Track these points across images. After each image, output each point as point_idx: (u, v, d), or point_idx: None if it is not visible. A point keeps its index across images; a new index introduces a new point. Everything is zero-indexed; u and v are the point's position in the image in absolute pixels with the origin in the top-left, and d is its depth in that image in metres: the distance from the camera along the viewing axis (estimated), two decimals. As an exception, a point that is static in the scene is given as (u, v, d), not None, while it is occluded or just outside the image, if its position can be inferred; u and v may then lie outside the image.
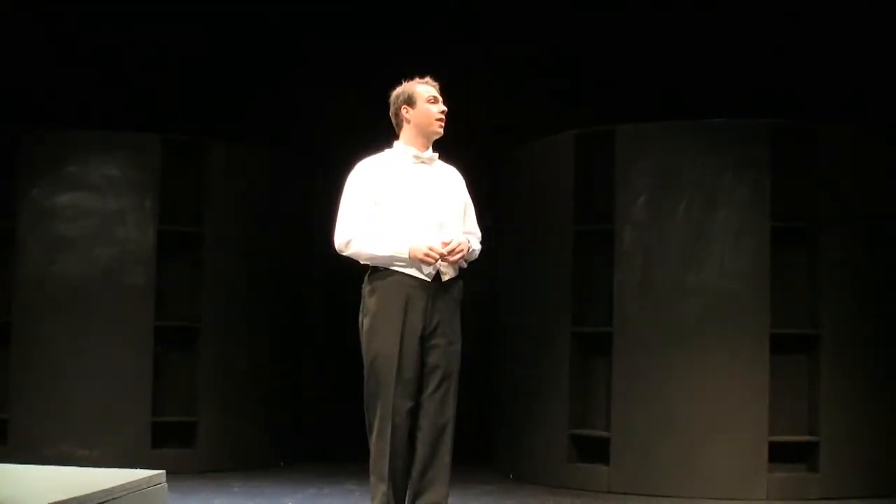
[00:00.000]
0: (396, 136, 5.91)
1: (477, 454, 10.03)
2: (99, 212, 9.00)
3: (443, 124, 5.80)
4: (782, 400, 8.29)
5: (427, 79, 5.85)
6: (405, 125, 5.83)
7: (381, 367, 5.62)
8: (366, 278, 5.73)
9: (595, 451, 8.61)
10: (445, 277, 5.70)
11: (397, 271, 5.63)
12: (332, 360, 10.68)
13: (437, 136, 5.83)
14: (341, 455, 10.20)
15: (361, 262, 5.72)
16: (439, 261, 5.58)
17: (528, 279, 9.18)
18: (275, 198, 9.69)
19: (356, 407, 11.26)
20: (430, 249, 5.54)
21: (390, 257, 5.60)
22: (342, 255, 5.75)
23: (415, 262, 5.59)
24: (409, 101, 5.79)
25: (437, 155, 5.88)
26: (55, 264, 8.95)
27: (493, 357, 9.95)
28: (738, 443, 8.20)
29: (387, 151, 5.88)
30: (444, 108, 5.79)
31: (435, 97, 5.79)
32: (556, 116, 9.70)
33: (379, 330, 5.62)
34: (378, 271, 5.67)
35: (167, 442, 9.06)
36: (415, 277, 5.63)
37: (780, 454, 8.24)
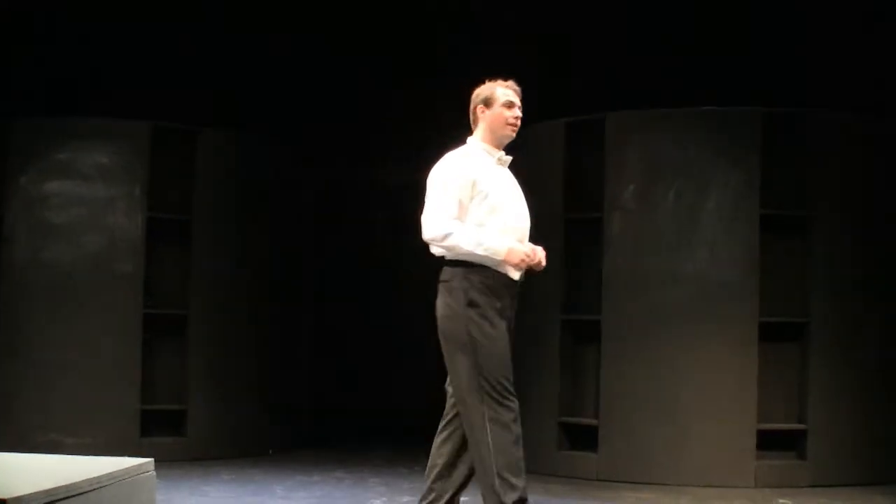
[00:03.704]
0: (470, 133, 5.84)
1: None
2: (88, 199, 8.98)
3: (515, 129, 5.78)
4: (771, 388, 8.31)
5: (510, 82, 5.81)
6: (479, 124, 5.79)
7: (501, 357, 5.53)
8: (458, 269, 5.57)
9: (584, 438, 8.62)
10: (518, 279, 5.68)
11: (498, 270, 5.57)
12: (323, 349, 10.68)
13: (508, 140, 5.81)
14: (331, 443, 10.22)
15: (449, 256, 5.60)
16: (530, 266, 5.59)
17: (517, 267, 9.17)
18: (266, 185, 9.68)
19: (346, 395, 11.31)
20: (527, 255, 5.55)
21: (485, 256, 5.54)
22: (438, 245, 5.58)
23: (509, 263, 5.55)
24: (486, 102, 5.76)
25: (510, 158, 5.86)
26: (44, 252, 8.93)
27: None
28: (726, 430, 8.21)
29: (469, 149, 5.77)
30: (519, 115, 5.77)
31: (511, 102, 5.76)
32: (546, 104, 9.68)
33: (494, 320, 5.54)
34: (473, 264, 5.57)
35: (156, 430, 9.05)
36: (511, 278, 5.61)
37: (768, 442, 8.26)
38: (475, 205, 5.59)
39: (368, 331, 11.83)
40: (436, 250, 5.67)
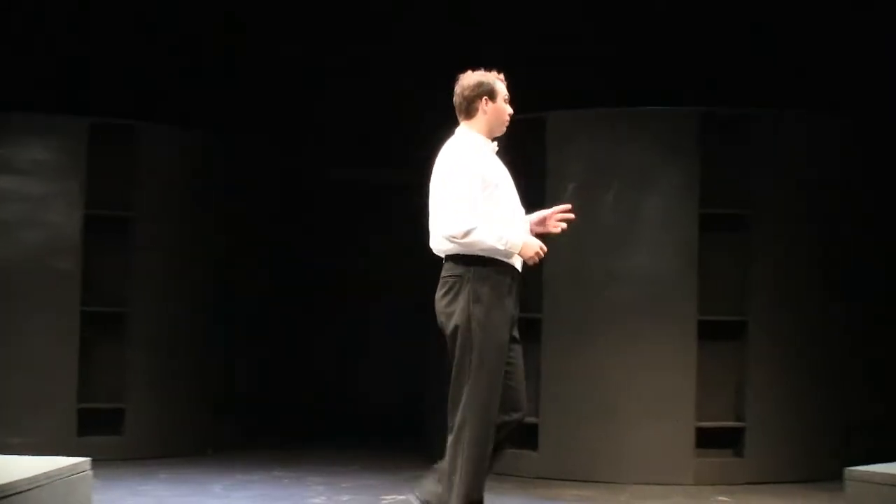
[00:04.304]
0: (458, 122, 5.83)
1: (407, 439, 10.06)
2: (25, 196, 8.89)
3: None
4: (710, 386, 8.37)
5: (501, 76, 5.83)
6: (478, 115, 5.76)
7: (496, 358, 5.56)
8: (469, 265, 5.54)
9: (524, 436, 8.62)
10: (520, 267, 5.71)
11: (505, 262, 5.58)
12: (263, 347, 10.63)
13: (500, 134, 5.83)
14: (270, 442, 10.17)
15: (457, 251, 5.56)
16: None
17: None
18: (207, 183, 9.61)
19: (285, 394, 11.26)
20: (541, 248, 5.59)
21: (503, 251, 5.54)
22: (458, 241, 5.51)
23: (523, 257, 5.58)
24: (491, 95, 5.75)
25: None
26: (-20, 249, 8.83)
27: (423, 345, 9.96)
28: (665, 428, 8.26)
29: (471, 140, 5.73)
30: (511, 111, 5.81)
31: (508, 97, 5.80)
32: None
33: (495, 318, 5.54)
34: (484, 260, 5.55)
35: (94, 429, 8.96)
36: (514, 268, 5.63)
37: (707, 440, 8.32)
38: (486, 197, 5.59)
39: (314, 330, 11.79)
40: (443, 245, 5.62)
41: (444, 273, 5.63)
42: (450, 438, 5.59)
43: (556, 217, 5.88)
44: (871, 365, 8.76)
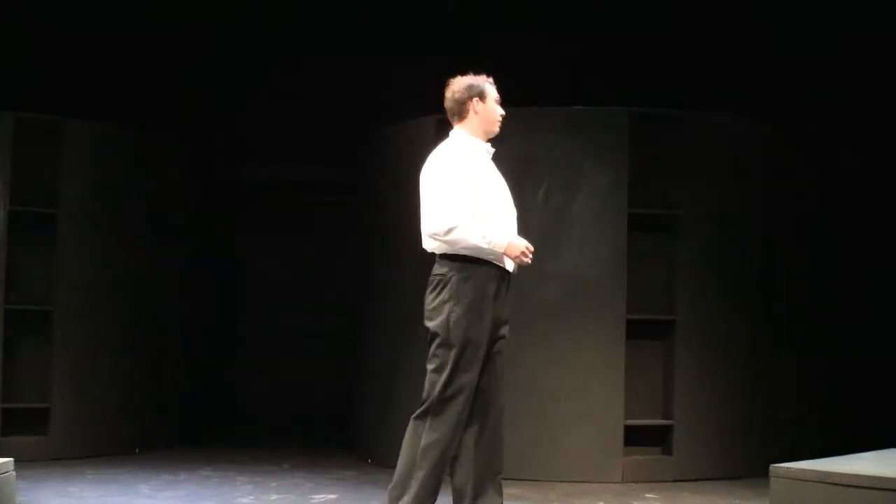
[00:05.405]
0: (451, 125, 5.90)
1: (336, 439, 10.04)
2: (-53, 192, 8.76)
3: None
4: (638, 384, 8.42)
5: (490, 79, 5.88)
6: (470, 116, 5.84)
7: (471, 355, 5.63)
8: (454, 264, 5.62)
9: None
10: (512, 269, 5.76)
11: (490, 261, 5.62)
12: (191, 345, 10.56)
13: (493, 135, 5.91)
14: (199, 442, 10.11)
15: (444, 250, 5.64)
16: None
17: (385, 265, 9.16)
18: (135, 180, 9.52)
19: (214, 394, 11.22)
20: (527, 248, 5.62)
21: (488, 251, 5.58)
22: (440, 239, 5.60)
23: (508, 257, 5.62)
24: (482, 96, 5.84)
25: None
26: None
27: (350, 344, 9.96)
28: (594, 426, 8.30)
29: (463, 142, 5.80)
30: (503, 112, 5.86)
31: (499, 100, 5.87)
32: (418, 100, 9.70)
33: (474, 318, 5.60)
34: (469, 259, 5.61)
35: (18, 429, 8.83)
36: (503, 269, 5.67)
37: (635, 438, 8.37)
38: (474, 198, 5.64)
39: (240, 330, 11.74)
40: (430, 245, 5.71)
41: (432, 272, 5.73)
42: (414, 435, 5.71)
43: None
44: (796, 363, 8.88)
